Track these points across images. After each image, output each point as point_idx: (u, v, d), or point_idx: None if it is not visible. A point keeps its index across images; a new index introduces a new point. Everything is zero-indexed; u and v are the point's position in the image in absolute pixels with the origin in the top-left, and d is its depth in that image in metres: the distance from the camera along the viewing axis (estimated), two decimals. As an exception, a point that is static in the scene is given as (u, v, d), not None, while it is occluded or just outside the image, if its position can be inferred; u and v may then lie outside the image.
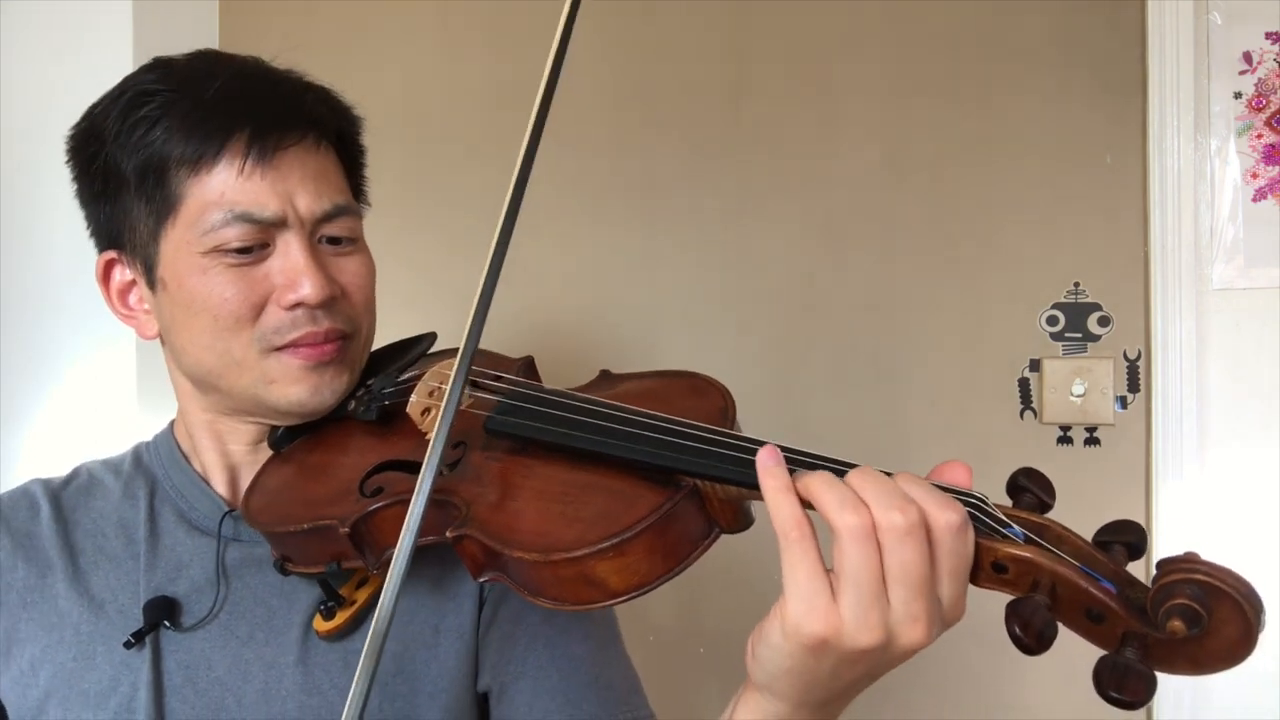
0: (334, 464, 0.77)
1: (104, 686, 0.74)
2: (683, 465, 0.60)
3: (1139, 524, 0.56)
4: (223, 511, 0.81)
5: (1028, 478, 0.59)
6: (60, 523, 0.82)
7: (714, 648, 1.63)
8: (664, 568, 0.59)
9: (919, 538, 0.51)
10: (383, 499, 0.69)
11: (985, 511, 0.55)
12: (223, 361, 0.76)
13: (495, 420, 0.69)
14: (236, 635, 0.77)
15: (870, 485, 0.53)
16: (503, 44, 1.76)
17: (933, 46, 1.62)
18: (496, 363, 0.83)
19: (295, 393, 0.76)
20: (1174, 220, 1.52)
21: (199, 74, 0.75)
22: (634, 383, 0.76)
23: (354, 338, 0.80)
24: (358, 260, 0.80)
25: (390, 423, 0.78)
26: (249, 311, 0.74)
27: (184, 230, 0.73)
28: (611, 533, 0.58)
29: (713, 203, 1.68)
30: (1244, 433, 1.53)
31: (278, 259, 0.74)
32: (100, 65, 1.62)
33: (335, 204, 0.77)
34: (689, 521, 0.61)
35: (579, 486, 0.63)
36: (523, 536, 0.61)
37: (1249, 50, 1.54)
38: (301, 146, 0.75)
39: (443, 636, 0.79)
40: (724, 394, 0.69)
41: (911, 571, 0.51)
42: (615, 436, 0.63)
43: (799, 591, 0.52)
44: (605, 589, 0.59)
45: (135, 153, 0.73)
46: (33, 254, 1.67)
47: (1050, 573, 0.52)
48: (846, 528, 0.51)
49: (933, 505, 0.52)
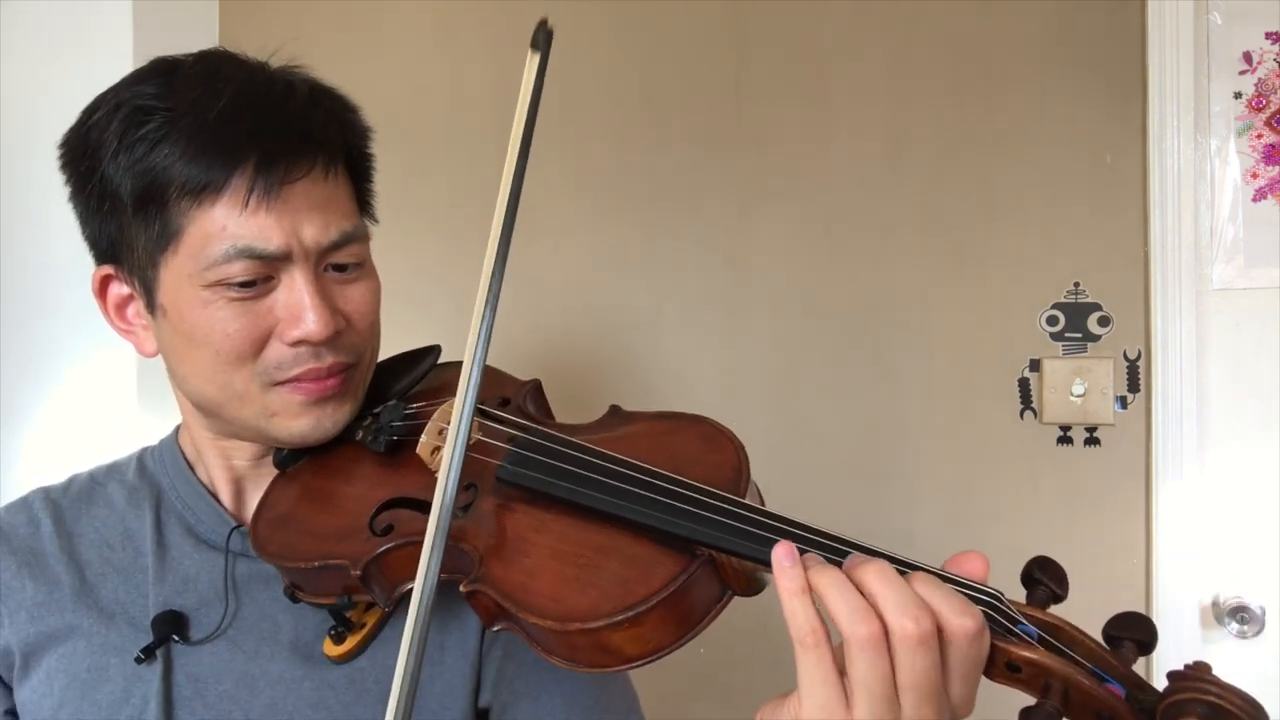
0: (341, 494, 0.76)
1: (116, 698, 0.74)
2: (700, 536, 0.59)
3: (1149, 619, 0.56)
4: (229, 526, 0.81)
5: (1042, 570, 0.60)
6: (63, 536, 0.81)
7: (714, 648, 1.62)
8: (678, 634, 0.59)
9: (932, 645, 0.51)
10: (393, 539, 0.69)
11: (1000, 610, 0.56)
12: (224, 394, 0.74)
13: (507, 470, 0.68)
14: (244, 650, 0.77)
15: (883, 589, 0.52)
16: (503, 44, 1.76)
17: (933, 46, 1.62)
18: (503, 384, 0.82)
19: (297, 426, 0.75)
20: (1174, 220, 1.52)
21: (202, 89, 0.71)
22: (644, 424, 0.74)
23: (357, 366, 0.78)
24: (363, 287, 0.78)
25: (398, 453, 0.76)
26: (251, 347, 0.72)
27: (185, 260, 0.71)
28: (628, 604, 0.57)
29: (713, 202, 1.68)
30: (1244, 433, 1.53)
31: (282, 293, 0.72)
32: (100, 65, 1.62)
33: (343, 232, 0.74)
34: (704, 589, 0.60)
35: (593, 548, 0.62)
36: (537, 600, 0.60)
37: (1249, 50, 1.54)
38: (310, 178, 0.72)
39: (448, 654, 0.79)
40: (738, 450, 0.67)
41: (922, 678, 0.51)
42: (631, 499, 0.62)
43: (815, 700, 0.53)
44: (620, 656, 0.59)
45: (133, 175, 0.70)
46: (33, 255, 1.67)
47: (1063, 676, 0.53)
48: (857, 638, 0.51)
49: (950, 611, 0.52)
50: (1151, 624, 0.56)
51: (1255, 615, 1.48)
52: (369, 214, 0.83)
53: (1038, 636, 0.55)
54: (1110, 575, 1.53)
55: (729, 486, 0.63)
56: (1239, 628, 1.48)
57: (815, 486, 1.64)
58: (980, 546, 1.52)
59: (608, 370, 1.72)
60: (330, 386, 0.75)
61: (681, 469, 0.64)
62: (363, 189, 0.82)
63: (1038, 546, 1.79)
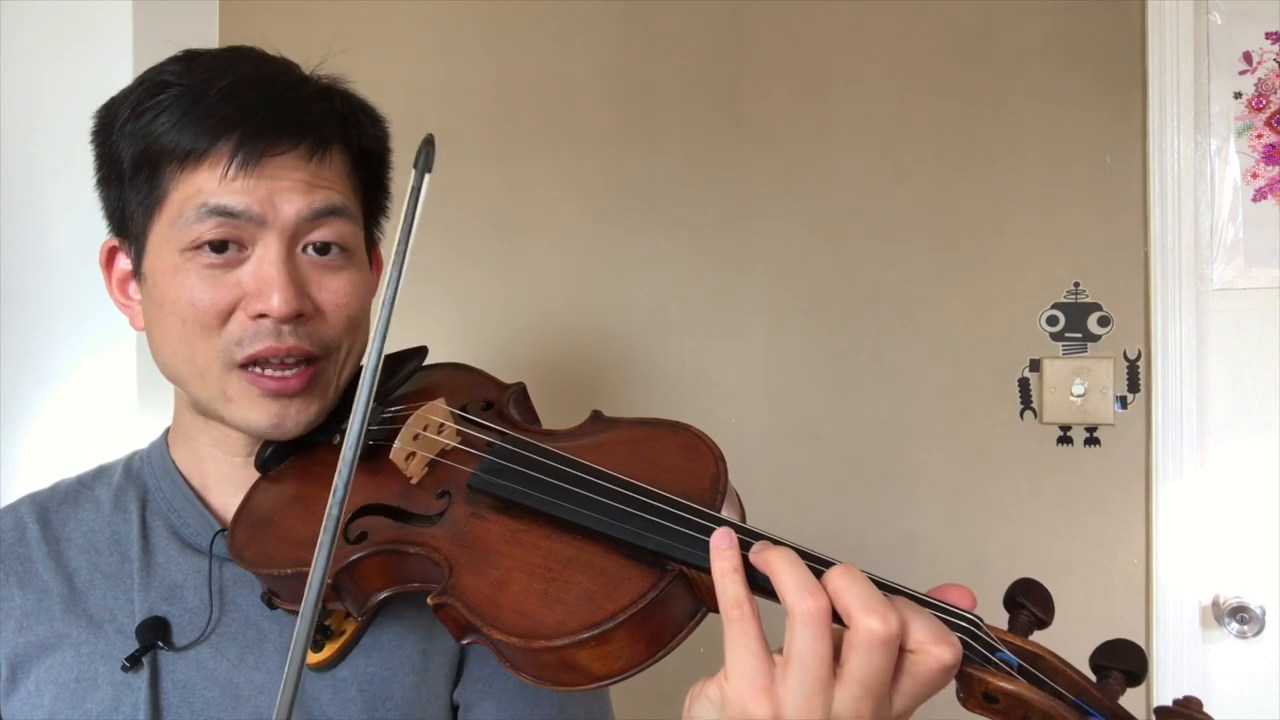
0: (317, 499, 0.73)
1: (106, 707, 0.74)
2: (668, 551, 0.57)
3: (1140, 649, 0.54)
4: (214, 530, 0.79)
5: (1025, 594, 0.57)
6: (51, 542, 0.80)
7: (714, 646, 1.62)
8: (648, 652, 0.58)
9: (892, 649, 0.50)
10: (365, 548, 0.67)
11: (977, 637, 0.54)
12: (188, 367, 0.74)
13: (479, 479, 0.66)
14: (227, 657, 0.76)
15: (848, 585, 0.51)
16: (503, 44, 1.76)
17: (933, 46, 1.62)
18: (488, 388, 0.81)
19: (253, 417, 0.74)
20: (1174, 220, 1.52)
21: (215, 70, 0.72)
22: (626, 430, 0.72)
23: (327, 359, 0.76)
24: (344, 277, 0.76)
25: (378, 457, 0.73)
26: (216, 318, 0.71)
27: (166, 226, 0.72)
28: (593, 621, 0.56)
29: (713, 203, 1.68)
30: (1244, 433, 1.53)
31: (252, 264, 0.71)
32: (100, 65, 1.62)
33: (325, 204, 0.73)
34: (675, 605, 0.58)
35: (563, 561, 0.61)
36: (503, 615, 0.59)
37: (1249, 50, 1.54)
38: (294, 155, 0.72)
39: (431, 660, 0.79)
40: (716, 459, 0.65)
41: (871, 677, 0.50)
42: (600, 511, 0.61)
43: (739, 668, 0.52)
44: (587, 674, 0.57)
45: (135, 142, 0.72)
46: (33, 254, 1.67)
47: (1043, 710, 0.51)
48: (801, 611, 0.50)
49: (928, 638, 0.51)
50: (1142, 654, 0.54)
51: (1255, 615, 1.48)
52: (375, 222, 0.82)
53: (1018, 666, 0.53)
54: (1110, 575, 1.53)
55: (704, 497, 0.62)
56: (1239, 628, 1.48)
57: (815, 486, 1.64)
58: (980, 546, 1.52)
59: (606, 371, 1.72)
60: (292, 385, 0.73)
61: (658, 478, 0.63)
62: (370, 195, 0.81)
63: (1037, 547, 1.80)
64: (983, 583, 0.58)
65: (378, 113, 0.81)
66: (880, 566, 0.56)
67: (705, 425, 0.70)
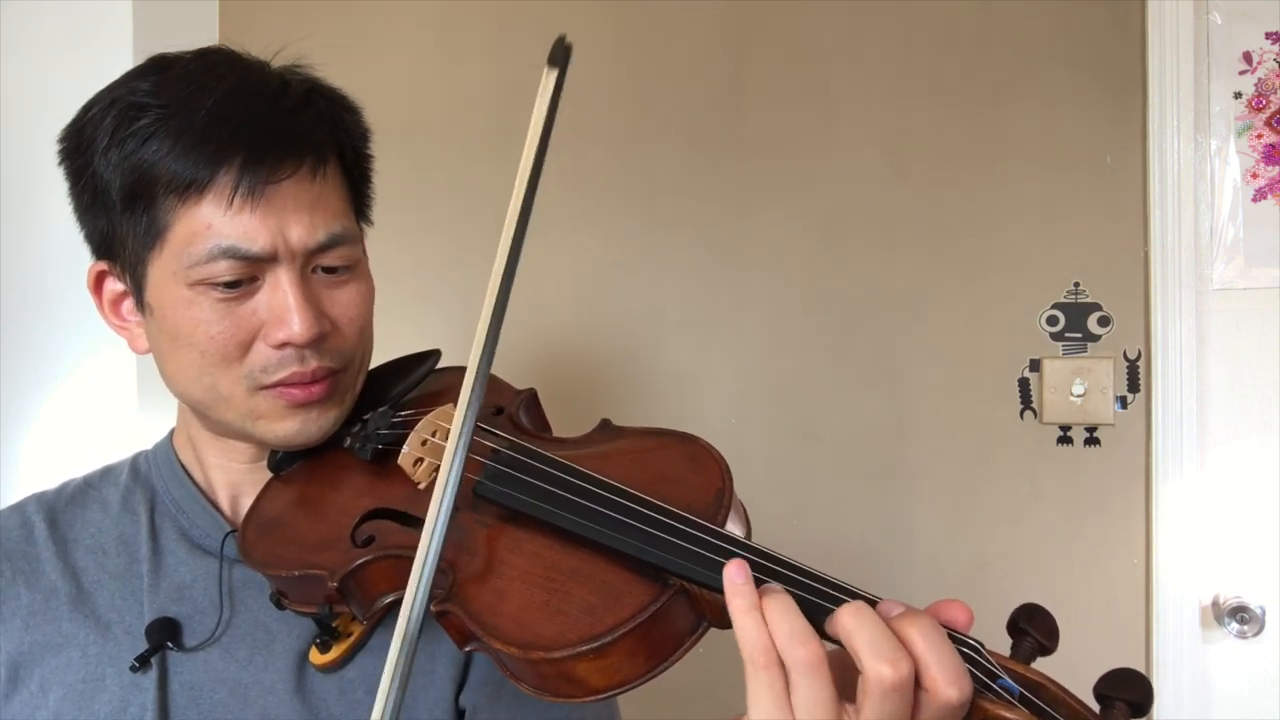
0: (327, 501, 0.75)
1: (114, 709, 0.73)
2: (669, 565, 0.57)
3: (1145, 679, 0.53)
4: (224, 531, 0.79)
5: (1029, 620, 0.56)
6: (59, 543, 0.80)
7: (714, 646, 1.62)
8: (648, 666, 0.57)
9: (905, 693, 0.49)
10: (372, 551, 0.67)
11: (979, 664, 0.53)
12: (210, 395, 0.74)
13: (485, 487, 0.66)
14: (236, 659, 0.76)
15: (856, 625, 0.51)
16: (503, 44, 1.76)
17: (933, 46, 1.62)
18: (498, 393, 0.81)
19: (282, 429, 0.74)
20: (1174, 220, 1.52)
21: (195, 86, 0.70)
22: (633, 440, 0.72)
23: (345, 370, 0.77)
24: (353, 289, 0.76)
25: (386, 461, 0.74)
26: (236, 349, 0.71)
27: (170, 259, 0.70)
28: (593, 634, 0.56)
29: (713, 203, 1.68)
30: (1244, 433, 1.53)
31: (266, 293, 0.71)
32: (100, 65, 1.61)
33: (331, 234, 0.73)
34: (676, 620, 0.58)
35: (565, 572, 0.61)
36: (503, 625, 0.59)
37: (1249, 50, 1.54)
38: (296, 177, 0.71)
39: (438, 662, 0.79)
40: (722, 473, 0.65)
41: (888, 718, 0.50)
42: (605, 523, 0.61)
43: None
44: (586, 687, 0.57)
45: (123, 171, 0.69)
46: (32, 254, 1.67)
47: None
48: (796, 663, 0.50)
49: (941, 676, 0.50)
50: (1147, 683, 0.52)
51: (1255, 615, 1.48)
52: (365, 217, 0.81)
53: (1019, 695, 0.52)
54: (1110, 575, 1.53)
55: (708, 510, 0.61)
56: (1239, 628, 1.48)
57: (815, 486, 1.64)
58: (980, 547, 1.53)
59: (608, 372, 1.72)
60: (316, 392, 0.74)
61: (663, 490, 0.63)
62: (359, 191, 0.80)
63: (1037, 546, 1.80)
64: (983, 583, 0.58)
65: (351, 100, 0.80)
66: (880, 566, 0.56)
67: (705, 425, 0.70)
